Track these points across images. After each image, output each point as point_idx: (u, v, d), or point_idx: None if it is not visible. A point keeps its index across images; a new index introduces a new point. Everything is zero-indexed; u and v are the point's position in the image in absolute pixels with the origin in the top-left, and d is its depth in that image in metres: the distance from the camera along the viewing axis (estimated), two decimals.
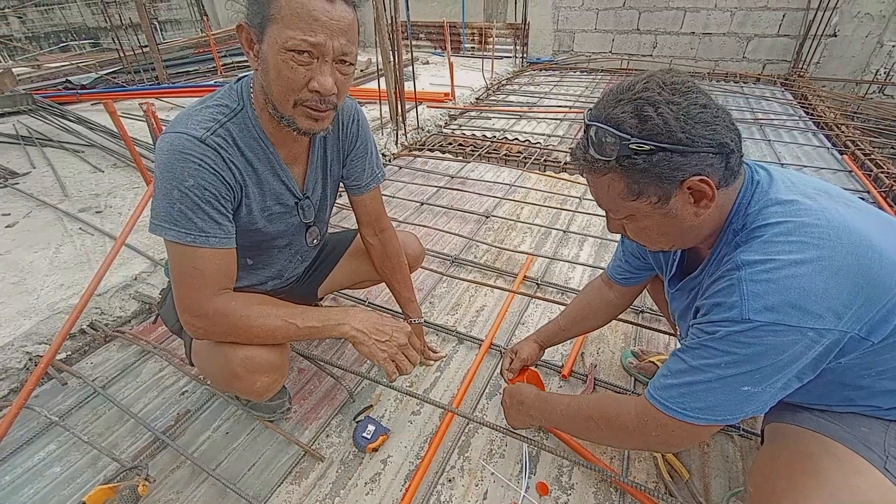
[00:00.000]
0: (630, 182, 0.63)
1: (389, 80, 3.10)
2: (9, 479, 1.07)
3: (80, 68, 5.38)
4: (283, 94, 0.76)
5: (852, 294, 0.56)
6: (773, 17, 5.20)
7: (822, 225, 0.59)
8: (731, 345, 0.61)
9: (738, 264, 0.61)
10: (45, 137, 3.30)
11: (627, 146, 0.59)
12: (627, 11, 5.85)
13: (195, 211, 0.77)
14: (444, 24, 5.79)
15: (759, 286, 0.58)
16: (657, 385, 0.70)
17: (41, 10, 9.92)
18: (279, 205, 0.95)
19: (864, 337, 0.59)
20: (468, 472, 1.08)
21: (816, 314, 0.56)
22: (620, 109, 0.60)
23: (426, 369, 1.38)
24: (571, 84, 5.25)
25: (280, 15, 0.70)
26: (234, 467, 1.09)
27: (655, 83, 0.60)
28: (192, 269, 0.80)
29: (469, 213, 2.30)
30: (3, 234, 2.04)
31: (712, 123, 0.59)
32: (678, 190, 0.62)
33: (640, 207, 0.65)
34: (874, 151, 3.04)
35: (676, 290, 0.85)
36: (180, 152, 0.76)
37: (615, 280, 1.08)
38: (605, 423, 0.79)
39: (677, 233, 0.69)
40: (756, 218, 0.63)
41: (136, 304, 1.67)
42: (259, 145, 0.86)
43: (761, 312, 0.57)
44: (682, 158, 0.59)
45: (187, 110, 0.82)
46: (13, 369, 1.38)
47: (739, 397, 0.62)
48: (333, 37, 0.72)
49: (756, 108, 4.18)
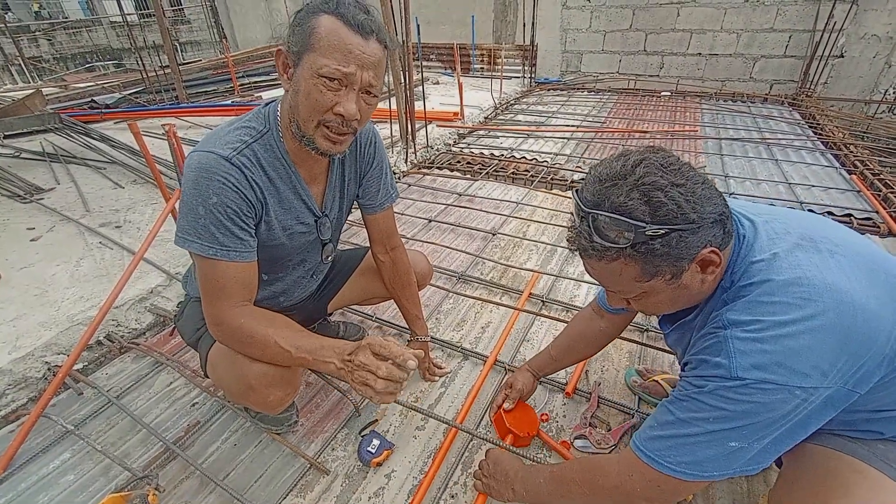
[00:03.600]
0: (645, 265, 0.63)
1: (400, 100, 3.18)
2: (24, 486, 1.10)
3: (104, 88, 5.61)
4: (308, 113, 0.82)
5: (836, 352, 0.58)
6: (780, 39, 5.25)
7: (803, 284, 0.61)
8: (720, 400, 0.61)
9: (725, 323, 0.63)
10: (70, 154, 3.44)
11: (643, 233, 0.60)
12: (634, 33, 5.95)
13: (217, 226, 0.83)
14: (454, 45, 5.95)
15: (745, 345, 0.60)
16: (643, 436, 0.70)
17: (69, 33, 10.39)
18: (300, 223, 1.00)
19: (851, 390, 0.60)
20: (471, 489, 1.08)
21: (803, 373, 0.57)
22: (626, 197, 0.60)
23: (431, 385, 1.39)
24: (579, 104, 5.32)
25: (319, 45, 0.77)
26: (241, 478, 1.11)
27: (654, 167, 0.61)
28: (214, 279, 0.86)
29: (476, 231, 2.34)
30: (28, 247, 2.12)
31: (713, 197, 0.62)
32: (691, 264, 0.64)
33: (655, 286, 0.67)
34: (883, 171, 3.02)
35: (670, 330, 0.86)
36: (207, 170, 0.81)
37: (606, 309, 1.08)
38: (589, 484, 0.76)
39: (685, 300, 0.71)
40: (742, 276, 0.66)
41: (152, 316, 1.72)
42: (282, 165, 0.92)
43: (749, 370, 0.59)
44: (694, 236, 0.61)
45: (217, 131, 0.89)
46: (32, 378, 1.43)
47: (726, 453, 0.62)
48: (363, 69, 0.79)
49: (763, 127, 4.20)
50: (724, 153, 3.52)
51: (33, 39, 9.89)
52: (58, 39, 10.23)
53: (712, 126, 4.24)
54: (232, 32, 9.73)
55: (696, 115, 4.65)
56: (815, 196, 2.73)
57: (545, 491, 0.84)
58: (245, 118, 0.91)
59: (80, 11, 12.47)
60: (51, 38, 10.14)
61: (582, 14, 6.14)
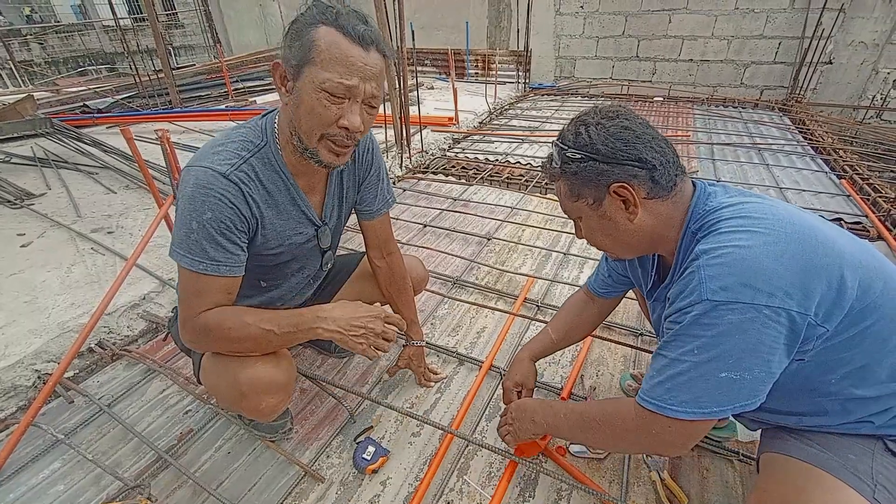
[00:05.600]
0: (570, 184, 0.78)
1: (395, 105, 3.19)
2: (13, 496, 1.08)
3: (97, 93, 5.58)
4: (312, 128, 0.82)
5: (799, 275, 0.62)
6: (769, 46, 5.33)
7: (768, 217, 0.66)
8: (697, 328, 0.65)
9: (697, 254, 0.67)
10: (61, 159, 3.41)
11: (565, 154, 0.76)
12: (627, 39, 6.02)
13: (209, 241, 0.82)
14: (448, 51, 5.98)
15: (713, 269, 0.64)
16: (645, 387, 0.73)
17: (62, 37, 10.33)
18: (298, 234, 1.00)
19: (820, 323, 0.63)
20: (467, 495, 1.08)
21: (767, 293, 0.61)
22: (567, 129, 0.78)
23: (426, 390, 1.39)
24: (573, 109, 5.37)
25: (320, 59, 0.76)
26: (235, 487, 1.10)
27: (594, 110, 0.77)
28: (196, 290, 0.85)
29: (471, 236, 2.34)
30: (18, 253, 2.10)
31: (632, 142, 0.72)
32: (607, 194, 0.75)
33: (581, 209, 0.79)
34: (872, 176, 3.07)
35: (653, 300, 0.91)
36: (204, 187, 0.81)
37: (597, 293, 1.16)
38: (609, 427, 0.81)
39: (619, 235, 0.79)
40: (711, 217, 0.71)
41: (144, 323, 1.71)
42: (280, 178, 0.92)
43: (717, 292, 0.63)
44: (606, 166, 0.73)
45: (213, 144, 0.88)
46: (22, 387, 1.41)
47: (721, 385, 0.65)
48: (366, 81, 0.79)
49: (754, 132, 4.25)
50: (716, 158, 3.56)
51: (25, 43, 9.82)
52: (50, 43, 10.16)
53: (704, 131, 4.29)
54: (226, 37, 9.72)
55: (688, 120, 4.71)
56: (805, 200, 2.77)
57: (565, 425, 0.90)
58: (241, 131, 0.90)
59: (73, 15, 12.40)
60: (42, 41, 10.07)
61: (575, 20, 6.20)
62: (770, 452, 0.79)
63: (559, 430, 0.93)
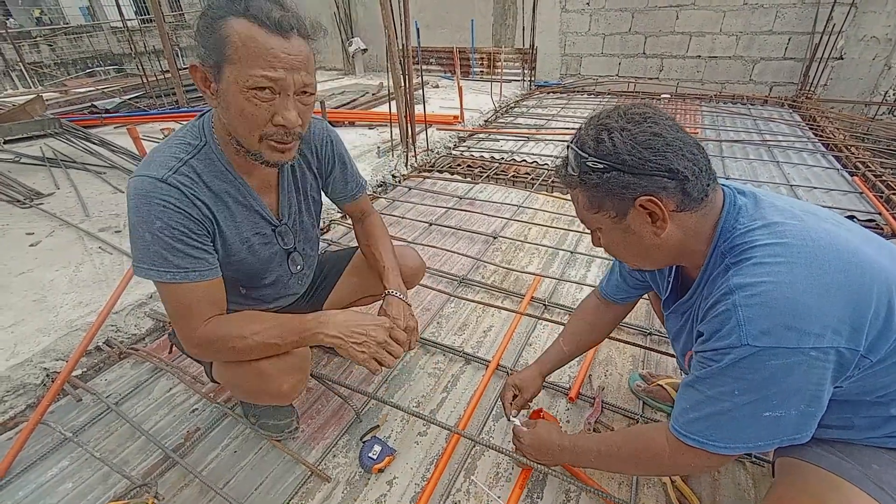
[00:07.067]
0: (590, 196, 0.70)
1: (400, 104, 3.18)
2: (22, 494, 1.09)
3: (105, 93, 5.64)
4: (248, 130, 0.77)
5: (846, 309, 0.57)
6: (779, 41, 5.26)
7: (807, 243, 0.60)
8: (738, 370, 0.61)
9: (732, 288, 0.62)
10: (69, 159, 3.44)
11: (585, 163, 0.68)
12: (633, 36, 5.96)
13: (168, 249, 0.79)
14: (453, 49, 5.96)
15: (752, 310, 0.59)
16: (682, 421, 0.70)
17: (70, 39, 10.44)
18: (257, 234, 0.97)
19: (865, 355, 0.59)
20: (474, 496, 1.07)
21: (815, 334, 0.56)
22: (586, 134, 0.69)
23: (433, 390, 1.38)
24: (579, 106, 5.33)
25: (237, 56, 0.70)
26: (241, 486, 1.10)
27: (617, 112, 0.68)
28: (178, 303, 0.83)
29: (477, 234, 2.33)
30: (27, 252, 2.11)
31: (662, 150, 0.64)
32: (632, 208, 0.67)
33: (602, 221, 0.72)
34: (885, 173, 3.02)
35: (671, 311, 0.87)
36: (144, 195, 0.77)
37: (612, 299, 1.11)
38: (643, 462, 0.79)
39: (641, 250, 0.73)
40: (744, 240, 0.65)
41: (151, 321, 1.71)
42: (226, 178, 0.88)
43: (759, 337, 0.58)
44: (632, 178, 0.65)
45: (151, 152, 0.85)
46: (31, 385, 1.42)
47: (766, 424, 0.62)
48: (293, 71, 0.73)
49: (764, 129, 4.20)
50: (725, 155, 3.51)
51: (34, 45, 9.93)
52: (59, 45, 10.27)
53: (712, 128, 4.24)
54: None
55: (696, 117, 4.65)
56: (816, 198, 2.73)
57: (596, 465, 0.90)
58: (178, 134, 0.86)
59: (81, 17, 12.53)
60: (52, 43, 10.18)
61: (581, 17, 6.16)
62: (787, 457, 0.77)
63: (581, 463, 0.93)
